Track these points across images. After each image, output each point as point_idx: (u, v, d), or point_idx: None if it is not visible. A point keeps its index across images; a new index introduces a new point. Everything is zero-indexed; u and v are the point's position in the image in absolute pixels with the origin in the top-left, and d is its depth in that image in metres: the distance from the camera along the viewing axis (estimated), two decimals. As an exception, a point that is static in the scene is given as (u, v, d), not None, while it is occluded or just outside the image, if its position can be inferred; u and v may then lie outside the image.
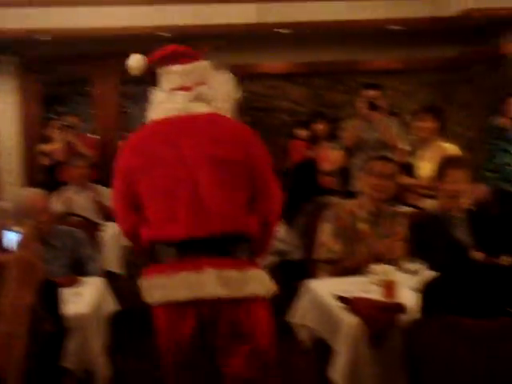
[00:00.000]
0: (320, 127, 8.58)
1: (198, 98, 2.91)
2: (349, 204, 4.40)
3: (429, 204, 5.33)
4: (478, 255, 2.53)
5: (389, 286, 3.34)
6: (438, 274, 2.83)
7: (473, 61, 9.77)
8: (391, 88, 10.05)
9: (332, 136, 7.95)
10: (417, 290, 3.06)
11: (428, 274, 3.35)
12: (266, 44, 9.67)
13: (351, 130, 6.83)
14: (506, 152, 7.43)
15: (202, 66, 2.99)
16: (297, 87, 10.29)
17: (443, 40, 10.01)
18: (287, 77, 10.15)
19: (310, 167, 6.83)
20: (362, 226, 4.24)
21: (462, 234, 4.16)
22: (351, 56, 10.01)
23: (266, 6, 8.75)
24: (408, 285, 3.48)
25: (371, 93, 6.83)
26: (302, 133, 8.84)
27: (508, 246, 3.68)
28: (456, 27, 9.58)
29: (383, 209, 4.31)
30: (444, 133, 6.44)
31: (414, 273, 3.63)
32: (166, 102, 2.92)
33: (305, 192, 6.39)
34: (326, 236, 4.24)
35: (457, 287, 2.62)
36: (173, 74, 2.95)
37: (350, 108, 9.59)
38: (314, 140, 8.40)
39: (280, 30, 9.13)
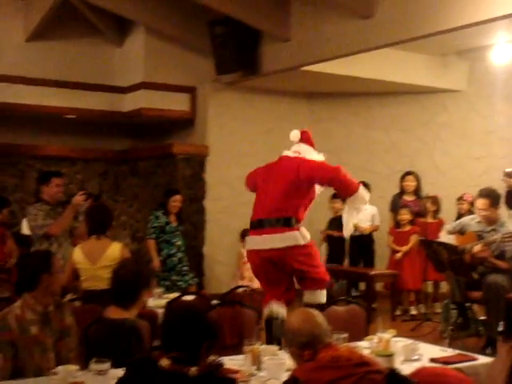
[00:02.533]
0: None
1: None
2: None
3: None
4: (165, 362, 2.47)
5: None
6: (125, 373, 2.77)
7: (143, 156, 10.29)
8: (66, 175, 10.10)
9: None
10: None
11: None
12: None
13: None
14: (171, 244, 7.87)
15: None
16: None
17: (116, 133, 10.44)
18: None
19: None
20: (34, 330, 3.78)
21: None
22: (24, 140, 9.88)
23: None
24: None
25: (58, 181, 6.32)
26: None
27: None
28: (128, 123, 10.10)
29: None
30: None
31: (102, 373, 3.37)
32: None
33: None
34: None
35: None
36: None
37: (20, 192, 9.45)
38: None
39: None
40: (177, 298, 5.61)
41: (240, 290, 6.22)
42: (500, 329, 6.24)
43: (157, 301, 5.92)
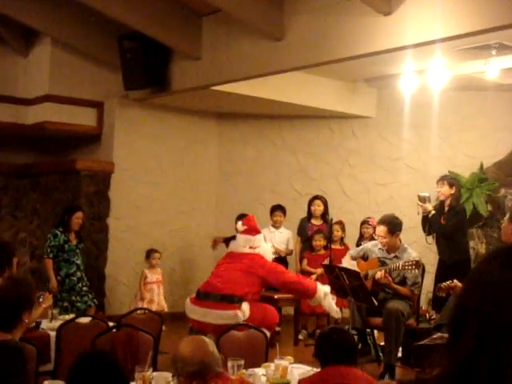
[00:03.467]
0: None
1: None
2: None
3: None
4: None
5: None
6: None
7: (46, 171, 9.92)
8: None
9: None
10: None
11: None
12: None
13: None
14: (70, 263, 7.60)
15: None
16: None
17: (18, 146, 10.04)
18: None
19: None
20: None
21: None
22: None
23: None
24: None
25: None
26: None
27: None
28: (32, 136, 9.73)
29: None
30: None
31: None
32: None
33: None
34: None
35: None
36: None
37: None
38: None
39: None
40: (71, 320, 5.35)
41: (139, 312, 6.00)
42: (399, 355, 6.31)
43: (51, 322, 5.66)
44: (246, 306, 6.28)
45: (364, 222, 8.34)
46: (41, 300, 5.17)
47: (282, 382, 3.72)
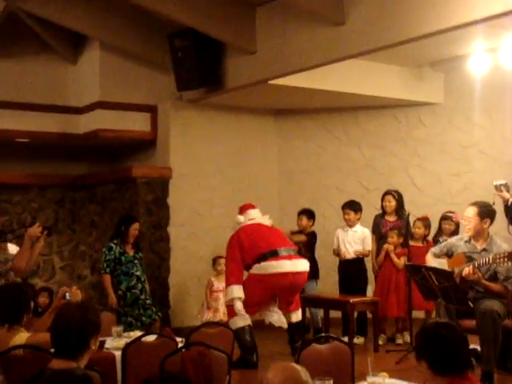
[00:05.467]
0: None
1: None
2: None
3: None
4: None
5: None
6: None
7: (101, 181, 9.59)
8: (19, 204, 9.43)
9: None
10: None
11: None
12: None
13: None
14: (130, 275, 7.25)
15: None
16: None
17: (72, 157, 9.75)
18: None
19: None
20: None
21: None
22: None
23: None
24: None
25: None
26: None
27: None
28: (85, 146, 9.43)
29: None
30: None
31: None
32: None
33: None
34: None
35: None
36: None
37: None
38: None
39: None
40: (136, 339, 4.93)
41: (208, 326, 5.55)
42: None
43: (116, 341, 5.26)
44: None
45: (445, 218, 7.69)
46: (68, 298, 4.74)
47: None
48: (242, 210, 7.48)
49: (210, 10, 7.41)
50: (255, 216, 7.41)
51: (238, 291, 6.95)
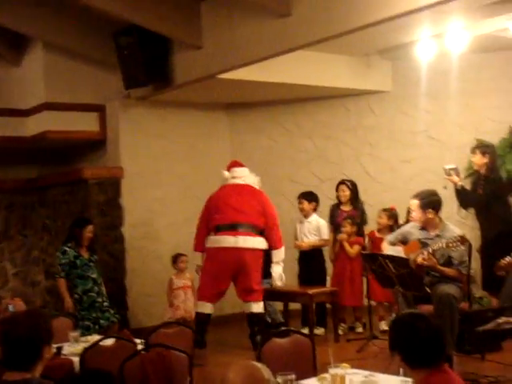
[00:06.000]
0: None
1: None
2: None
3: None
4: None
5: None
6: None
7: (52, 183, 9.41)
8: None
9: None
10: None
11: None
12: None
13: None
14: (85, 278, 7.13)
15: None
16: None
17: (21, 161, 9.54)
18: None
19: None
20: None
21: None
22: None
23: None
24: None
25: None
26: None
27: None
28: (33, 149, 9.23)
29: None
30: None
31: None
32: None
33: None
34: None
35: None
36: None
37: None
38: None
39: None
40: (95, 343, 4.84)
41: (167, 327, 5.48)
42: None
43: (73, 346, 5.17)
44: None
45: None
46: (11, 310, 4.59)
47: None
48: (229, 166, 7.63)
49: (154, 6, 7.29)
50: (240, 175, 7.52)
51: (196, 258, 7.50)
